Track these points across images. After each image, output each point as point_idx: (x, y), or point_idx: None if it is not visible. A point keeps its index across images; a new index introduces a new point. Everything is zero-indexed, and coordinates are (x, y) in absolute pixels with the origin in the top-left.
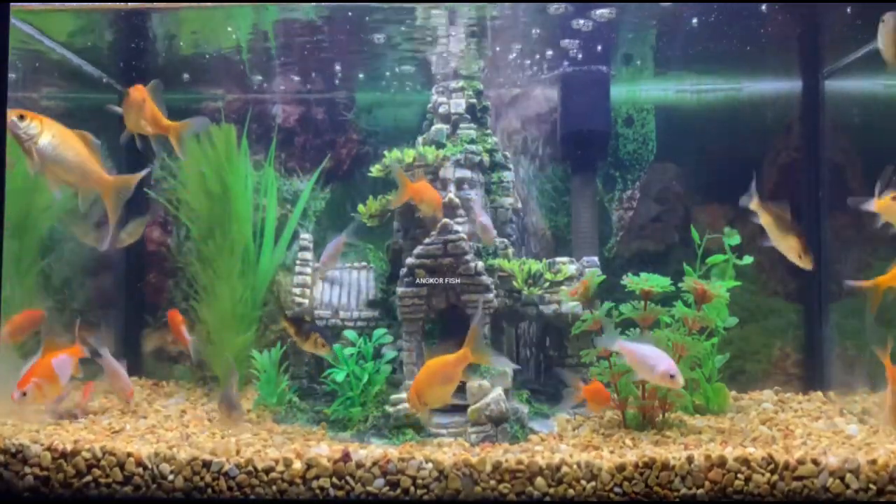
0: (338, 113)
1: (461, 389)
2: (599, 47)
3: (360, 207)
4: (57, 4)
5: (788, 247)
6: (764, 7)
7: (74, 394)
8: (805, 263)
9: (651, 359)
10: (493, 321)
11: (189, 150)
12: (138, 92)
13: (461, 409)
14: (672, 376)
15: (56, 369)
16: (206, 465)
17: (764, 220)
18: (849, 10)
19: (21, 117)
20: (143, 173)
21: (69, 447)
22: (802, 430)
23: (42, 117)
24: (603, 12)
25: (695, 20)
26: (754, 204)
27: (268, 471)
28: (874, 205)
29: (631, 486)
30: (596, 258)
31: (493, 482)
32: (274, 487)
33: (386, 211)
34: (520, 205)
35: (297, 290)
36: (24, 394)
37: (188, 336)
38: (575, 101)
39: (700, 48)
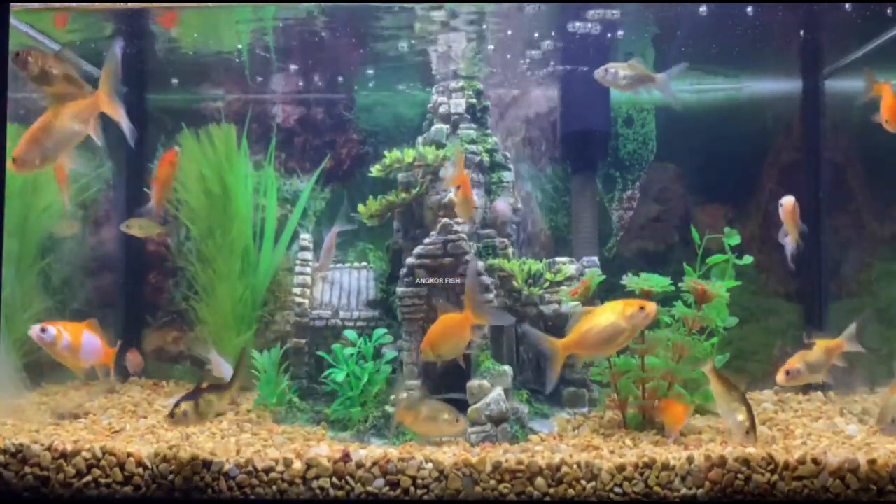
0: (338, 113)
1: (462, 388)
2: (600, 47)
3: (360, 207)
4: (57, 4)
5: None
6: (764, 7)
7: (74, 394)
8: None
9: None
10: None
11: (189, 150)
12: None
13: (461, 409)
14: None
15: (84, 339)
16: (206, 465)
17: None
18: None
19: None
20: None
21: (69, 447)
22: (802, 430)
23: None
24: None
25: (695, 20)
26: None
27: (268, 471)
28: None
29: (631, 486)
30: (596, 258)
31: (493, 482)
32: (274, 487)
33: (386, 210)
34: (520, 205)
35: (297, 290)
36: (44, 330)
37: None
38: (575, 101)
39: (700, 48)
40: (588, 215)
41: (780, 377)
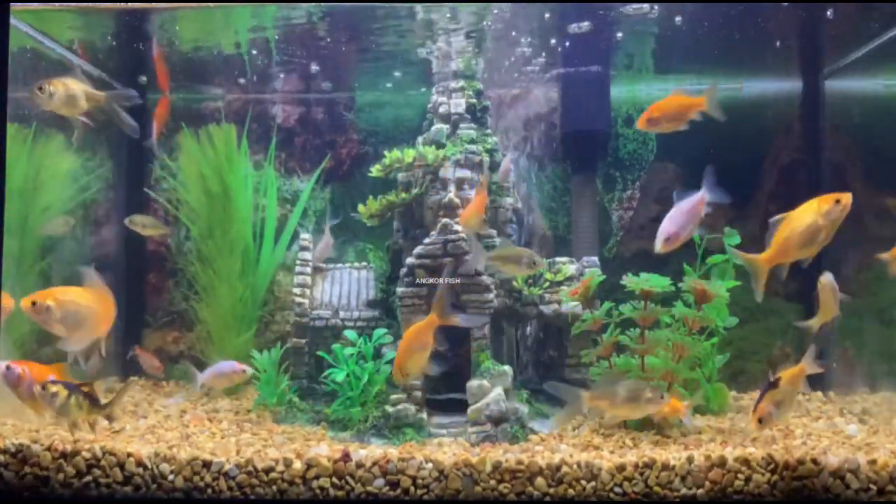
0: (338, 113)
1: (461, 387)
2: (600, 47)
3: (360, 207)
4: (57, 4)
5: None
6: (764, 7)
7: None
8: None
9: None
10: (493, 321)
11: (189, 150)
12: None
13: (461, 409)
14: None
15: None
16: (206, 465)
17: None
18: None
19: (34, 303)
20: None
21: (69, 447)
22: (802, 430)
23: (52, 293)
24: (643, 7)
25: (695, 20)
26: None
27: (268, 471)
28: None
29: (631, 486)
30: (596, 258)
31: (493, 482)
32: (274, 487)
33: (386, 210)
34: (520, 205)
35: (297, 290)
36: (8, 367)
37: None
38: (575, 101)
39: (700, 48)
40: (588, 215)
41: (754, 426)
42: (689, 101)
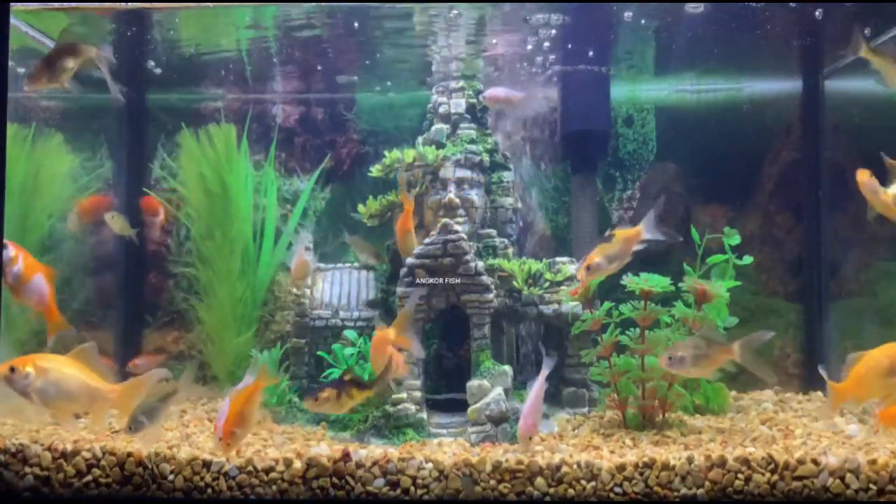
0: (338, 113)
1: (461, 387)
2: (600, 46)
3: (360, 207)
4: (57, 4)
5: None
6: (764, 7)
7: None
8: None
9: None
10: (493, 321)
11: (189, 149)
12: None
13: (461, 409)
14: None
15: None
16: (206, 465)
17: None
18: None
19: (11, 369)
20: (157, 374)
21: (69, 447)
22: (802, 430)
23: (33, 360)
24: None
25: (695, 19)
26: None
27: (268, 471)
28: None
29: (631, 486)
30: None
31: (493, 482)
32: (274, 487)
33: (386, 210)
34: (520, 205)
35: (297, 290)
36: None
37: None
38: (575, 101)
39: (700, 47)
40: (588, 215)
41: (581, 274)
42: None
